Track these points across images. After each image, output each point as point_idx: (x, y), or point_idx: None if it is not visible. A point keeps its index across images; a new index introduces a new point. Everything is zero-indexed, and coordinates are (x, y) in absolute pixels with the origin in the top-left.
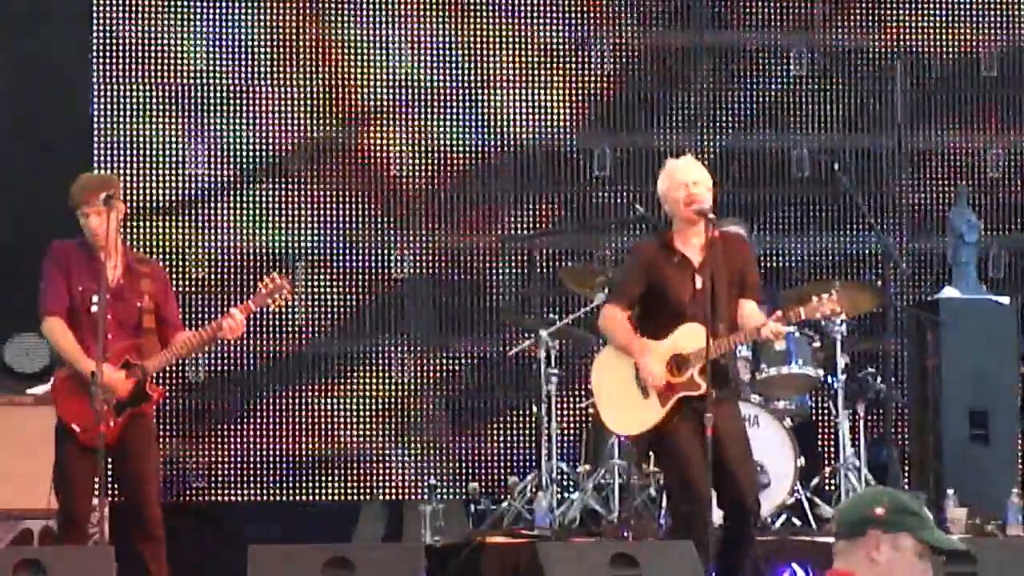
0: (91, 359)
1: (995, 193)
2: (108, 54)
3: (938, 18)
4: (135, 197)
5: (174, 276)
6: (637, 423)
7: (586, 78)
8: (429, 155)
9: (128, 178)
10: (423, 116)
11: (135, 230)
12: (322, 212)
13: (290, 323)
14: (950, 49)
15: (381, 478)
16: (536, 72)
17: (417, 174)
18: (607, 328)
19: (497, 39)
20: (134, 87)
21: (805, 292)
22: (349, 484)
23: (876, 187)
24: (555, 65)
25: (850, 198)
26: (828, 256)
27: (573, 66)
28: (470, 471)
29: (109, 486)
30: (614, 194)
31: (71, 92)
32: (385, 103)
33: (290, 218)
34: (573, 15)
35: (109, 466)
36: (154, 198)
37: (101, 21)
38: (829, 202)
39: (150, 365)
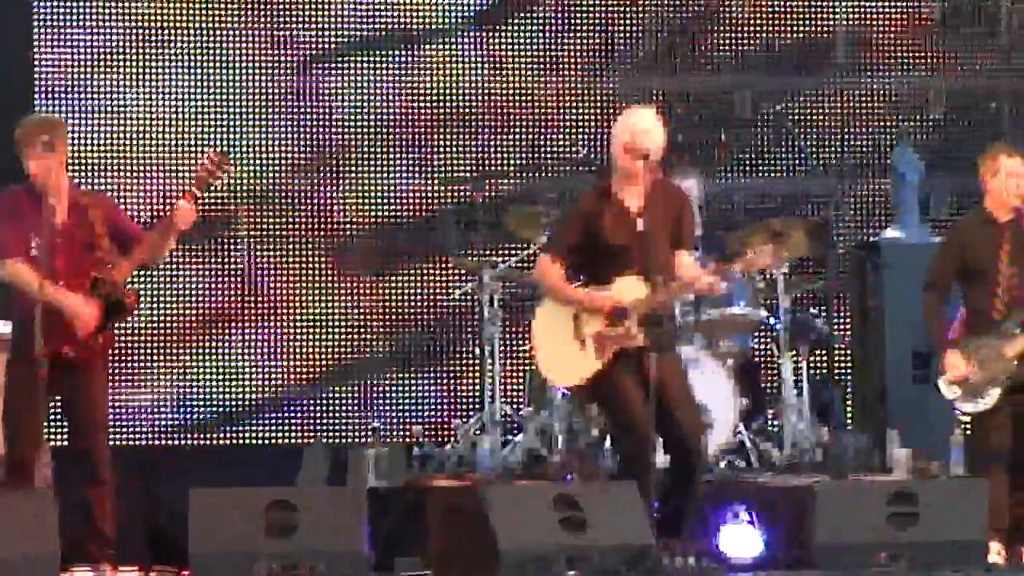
0: (57, 287)
1: (937, 134)
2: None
3: None
4: (78, 141)
5: None
6: (575, 374)
7: (531, 21)
8: (372, 99)
9: (71, 122)
10: (367, 61)
11: (78, 175)
12: (266, 155)
13: (233, 266)
14: None
15: (324, 421)
16: (479, 16)
17: (361, 118)
18: (541, 279)
19: None
20: (77, 29)
21: (748, 236)
22: (292, 428)
23: (819, 129)
24: (499, 8)
25: (793, 140)
26: (771, 198)
27: (518, 8)
28: (413, 414)
29: (56, 432)
30: (558, 136)
31: (12, 36)
32: (329, 49)
33: (233, 161)
34: None
35: (57, 411)
36: (96, 142)
37: None
38: (772, 144)
39: (117, 274)
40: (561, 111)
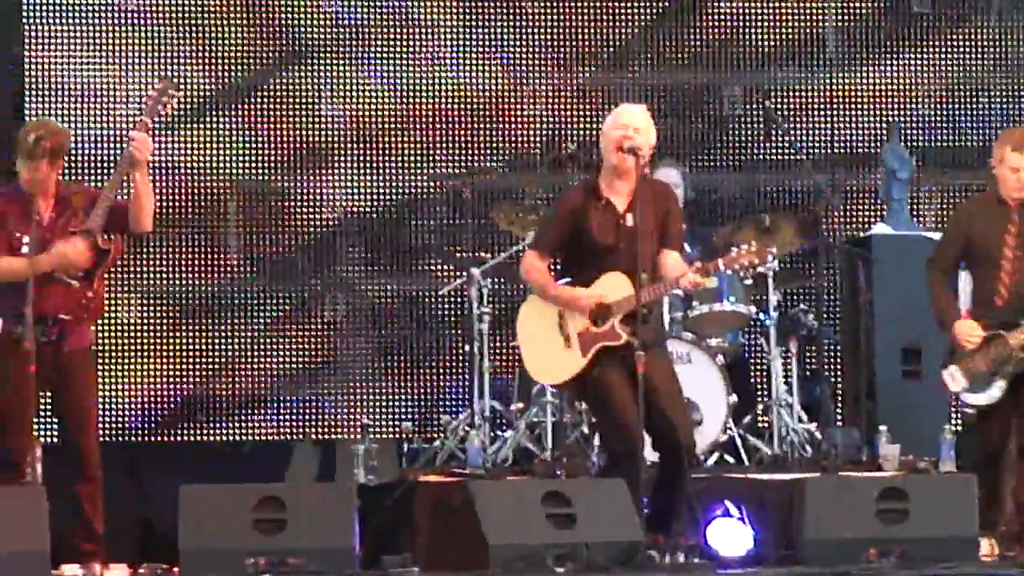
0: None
1: (927, 130)
2: None
3: None
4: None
5: None
6: (559, 372)
7: (516, 17)
8: (359, 96)
9: (61, 117)
10: (353, 57)
11: (70, 172)
12: (253, 152)
13: (222, 263)
14: None
15: (314, 418)
16: (464, 12)
17: (348, 114)
18: (527, 276)
19: None
20: (66, 24)
21: (737, 233)
22: (282, 424)
23: (809, 124)
24: (484, 4)
25: (782, 135)
26: (761, 193)
27: (502, 4)
28: (403, 410)
29: (46, 425)
30: (545, 133)
31: (3, 31)
32: (315, 44)
33: (221, 157)
34: None
35: (48, 406)
36: (86, 137)
37: None
38: (761, 139)
39: (91, 224)
40: (550, 106)
